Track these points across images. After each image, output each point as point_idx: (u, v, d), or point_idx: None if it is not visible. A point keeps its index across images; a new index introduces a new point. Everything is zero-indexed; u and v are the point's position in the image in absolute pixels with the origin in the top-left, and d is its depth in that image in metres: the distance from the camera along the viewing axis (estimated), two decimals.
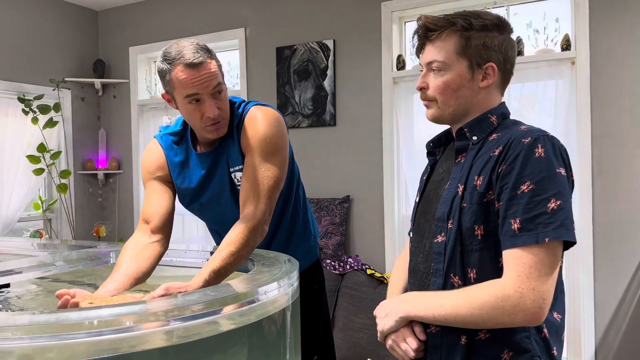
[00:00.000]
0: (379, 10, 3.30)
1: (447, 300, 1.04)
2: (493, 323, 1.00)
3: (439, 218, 1.11)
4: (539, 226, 0.98)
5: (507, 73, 1.16)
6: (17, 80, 3.78)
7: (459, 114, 1.15)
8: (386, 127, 3.28)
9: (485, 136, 1.12)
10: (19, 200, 3.78)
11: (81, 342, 0.82)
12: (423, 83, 1.17)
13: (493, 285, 1.00)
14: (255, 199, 1.36)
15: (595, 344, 2.77)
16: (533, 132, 1.05)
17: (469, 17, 1.12)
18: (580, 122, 2.78)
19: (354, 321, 2.94)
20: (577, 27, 2.78)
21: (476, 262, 1.06)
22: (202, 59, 1.34)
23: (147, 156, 1.55)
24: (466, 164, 1.11)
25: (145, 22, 4.18)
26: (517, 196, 1.00)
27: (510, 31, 1.15)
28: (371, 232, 3.35)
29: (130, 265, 1.30)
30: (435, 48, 1.13)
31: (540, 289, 0.97)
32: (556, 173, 1.00)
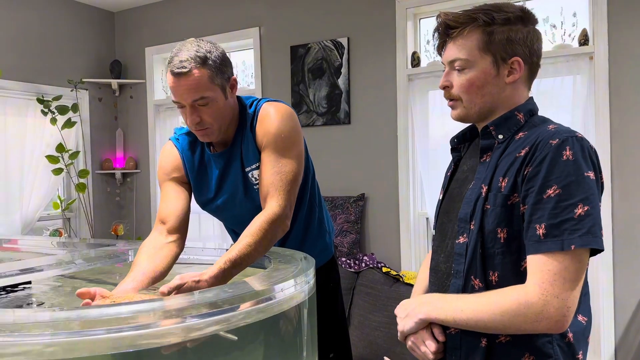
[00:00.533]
0: (393, 7, 3.28)
1: (468, 305, 1.01)
2: (515, 329, 0.98)
3: (462, 219, 1.09)
4: (564, 232, 0.95)
5: (533, 66, 1.12)
6: (36, 82, 3.84)
7: (486, 111, 1.11)
8: (401, 125, 3.27)
9: (512, 135, 1.09)
10: (38, 199, 3.84)
11: (101, 338, 0.83)
12: (446, 82, 1.13)
13: (516, 291, 0.98)
14: (275, 193, 1.37)
15: (615, 343, 2.74)
16: (561, 132, 1.01)
17: (490, 11, 1.08)
18: (599, 118, 2.74)
19: (369, 319, 2.94)
20: (595, 22, 2.74)
21: (498, 265, 1.04)
22: (185, 70, 1.33)
23: (163, 158, 1.57)
24: (491, 163, 1.08)
25: (160, 23, 4.22)
26: (543, 200, 0.97)
27: (535, 22, 1.11)
28: (386, 230, 3.34)
29: (148, 265, 1.32)
30: (457, 46, 1.10)
31: (564, 297, 0.94)
32: (584, 177, 0.97)
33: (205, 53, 1.36)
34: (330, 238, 1.73)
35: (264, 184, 1.39)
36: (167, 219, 1.44)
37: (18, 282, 1.44)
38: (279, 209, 1.35)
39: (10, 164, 3.70)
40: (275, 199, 1.36)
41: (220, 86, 1.39)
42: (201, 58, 1.34)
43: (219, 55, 1.39)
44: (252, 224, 1.31)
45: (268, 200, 1.37)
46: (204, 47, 1.37)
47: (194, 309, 0.90)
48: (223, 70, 1.40)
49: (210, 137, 1.45)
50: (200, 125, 1.40)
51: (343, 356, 1.73)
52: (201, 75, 1.34)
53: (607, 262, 2.73)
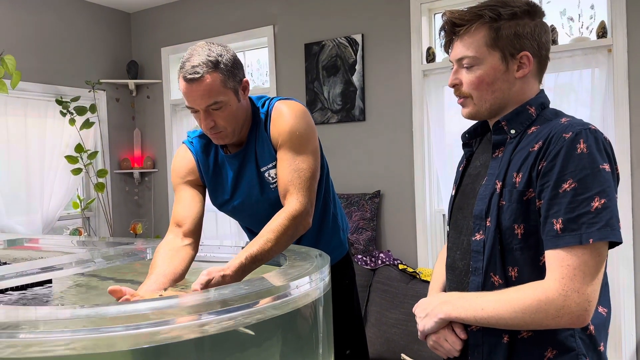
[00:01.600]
0: (408, 3, 3.27)
1: (489, 303, 1.01)
2: (536, 325, 0.98)
3: (477, 216, 1.08)
4: (582, 226, 0.94)
5: (543, 60, 1.11)
6: (55, 83, 3.90)
7: (497, 108, 1.10)
8: (416, 121, 3.25)
9: (524, 129, 1.08)
10: (58, 199, 3.90)
11: (120, 335, 0.84)
12: (455, 80, 1.12)
13: (536, 288, 0.97)
14: (294, 191, 1.38)
15: (636, 339, 2.69)
16: (574, 125, 1.00)
17: (496, 6, 1.07)
18: (618, 111, 2.69)
19: (386, 316, 2.93)
20: (614, 14, 2.69)
21: (517, 261, 1.03)
22: (198, 76, 1.33)
23: (177, 161, 1.57)
24: (504, 159, 1.07)
25: (176, 23, 4.25)
26: (559, 195, 0.96)
27: (542, 15, 1.10)
28: (402, 227, 3.33)
29: (168, 267, 1.34)
30: (464, 43, 1.09)
31: (585, 291, 0.94)
32: (600, 170, 0.96)
33: (217, 57, 1.36)
34: (345, 235, 1.74)
35: (282, 182, 1.40)
36: (183, 222, 1.45)
37: (39, 280, 1.47)
38: (300, 206, 1.36)
39: (30, 165, 3.77)
40: (295, 196, 1.37)
41: (233, 89, 1.40)
42: (213, 63, 1.35)
43: (230, 59, 1.39)
44: (274, 220, 1.32)
45: (288, 198, 1.38)
46: (215, 51, 1.37)
47: (210, 306, 0.91)
48: (235, 73, 1.40)
49: (224, 139, 1.46)
50: (215, 129, 1.41)
51: (359, 352, 1.73)
52: (214, 80, 1.34)
53: (627, 257, 2.68)
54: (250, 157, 1.51)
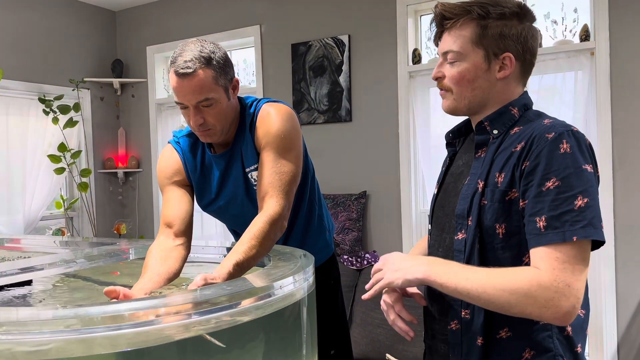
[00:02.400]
0: (394, 4, 3.28)
1: (476, 276, 0.97)
2: (518, 310, 0.94)
3: (459, 215, 1.07)
4: (565, 224, 0.93)
5: (526, 64, 1.10)
6: (38, 81, 3.85)
7: (475, 105, 1.11)
8: (402, 122, 3.27)
9: (507, 129, 1.08)
10: (41, 199, 3.85)
11: (101, 336, 0.83)
12: (439, 72, 1.13)
13: (529, 272, 0.94)
14: (274, 194, 1.37)
15: (617, 339, 2.73)
16: (557, 126, 1.00)
17: (486, 5, 1.07)
18: (600, 114, 2.73)
19: (372, 317, 2.94)
20: (597, 17, 2.73)
21: (498, 261, 1.02)
22: (190, 71, 1.32)
23: (163, 162, 1.56)
24: (487, 159, 1.07)
25: (162, 22, 4.22)
26: (543, 193, 0.96)
27: (531, 19, 1.10)
28: (388, 228, 3.34)
29: (162, 267, 1.33)
30: (451, 37, 1.09)
31: (575, 287, 0.92)
32: (582, 169, 0.96)
33: (210, 53, 1.35)
34: (330, 235, 1.74)
35: (262, 184, 1.39)
36: (173, 222, 1.44)
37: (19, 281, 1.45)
38: (279, 209, 1.35)
39: (12, 164, 3.71)
40: (275, 198, 1.36)
41: (224, 87, 1.39)
42: (205, 58, 1.34)
43: (222, 56, 1.39)
44: (254, 225, 1.31)
45: (267, 200, 1.37)
46: (207, 48, 1.36)
47: (193, 306, 0.90)
48: (226, 70, 1.40)
49: (212, 138, 1.45)
50: (204, 126, 1.40)
51: (343, 353, 1.73)
52: (206, 76, 1.34)
53: (609, 259, 2.72)
54: (236, 157, 1.50)
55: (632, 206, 2.68)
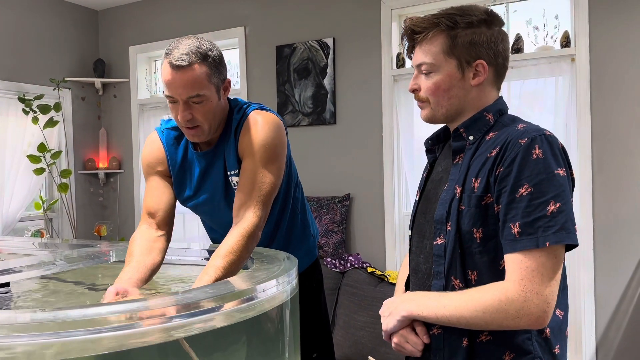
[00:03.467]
0: (379, 8, 3.30)
1: (451, 302, 1.02)
2: (496, 325, 1.00)
3: (437, 220, 1.10)
4: (539, 230, 0.96)
5: (500, 68, 1.13)
6: (17, 80, 3.79)
7: (453, 113, 1.13)
8: (386, 125, 3.28)
9: (482, 135, 1.10)
10: (20, 200, 3.78)
11: (81, 339, 0.82)
12: (415, 85, 1.16)
13: (497, 288, 0.99)
14: (252, 204, 1.35)
15: (595, 341, 2.77)
16: (530, 131, 1.02)
17: (453, 15, 1.10)
18: (580, 119, 2.78)
19: (355, 319, 2.94)
20: (577, 24, 2.78)
21: (477, 265, 1.05)
22: (185, 64, 1.30)
23: (147, 149, 1.55)
24: (464, 164, 1.10)
25: (145, 22, 4.19)
26: (516, 199, 0.99)
27: (500, 24, 1.12)
28: (372, 230, 3.35)
29: (147, 257, 1.34)
30: (422, 50, 1.12)
31: (543, 293, 0.96)
32: (555, 174, 0.98)
33: (206, 50, 1.34)
34: (314, 242, 1.73)
35: (241, 192, 1.37)
36: (156, 212, 1.45)
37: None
38: (256, 220, 1.34)
39: None
40: (252, 210, 1.34)
41: (216, 86, 1.38)
42: (202, 54, 1.33)
43: (218, 55, 1.38)
44: (232, 239, 1.29)
45: (244, 211, 1.35)
46: (204, 45, 1.35)
47: (175, 309, 0.89)
48: (220, 70, 1.39)
49: (199, 137, 1.43)
50: (191, 122, 1.38)
51: (326, 356, 1.73)
52: (200, 72, 1.32)
53: (588, 262, 2.76)
54: (219, 159, 1.49)
55: (611, 210, 2.73)
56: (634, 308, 2.69)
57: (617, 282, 2.72)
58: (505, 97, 3.04)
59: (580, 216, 2.77)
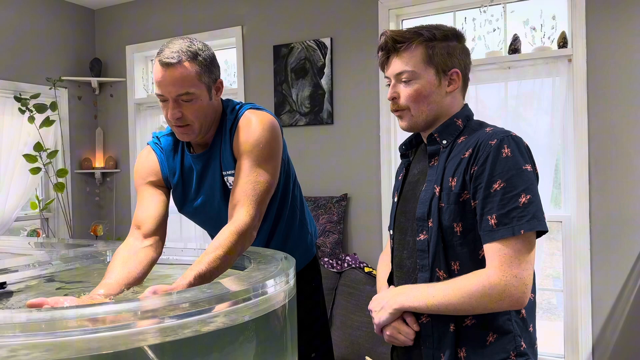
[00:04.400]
0: (376, 8, 3.30)
1: (438, 291, 1.13)
2: (482, 309, 1.10)
3: (419, 217, 1.20)
4: (513, 220, 1.08)
5: (466, 78, 1.26)
6: (14, 79, 3.77)
7: (431, 119, 1.24)
8: (383, 125, 3.28)
9: (454, 139, 1.21)
10: (16, 199, 3.77)
11: (76, 339, 0.81)
12: (394, 93, 1.24)
13: (479, 275, 1.10)
14: (246, 203, 1.34)
15: (592, 341, 2.78)
16: (498, 133, 1.14)
17: (431, 28, 1.22)
18: (577, 119, 2.78)
19: (352, 319, 2.94)
20: (574, 25, 2.78)
21: (458, 256, 1.16)
22: (174, 61, 1.31)
23: (139, 164, 1.54)
24: (439, 166, 1.20)
25: (141, 21, 4.18)
26: (491, 194, 1.10)
27: (464, 41, 1.26)
28: (369, 230, 3.35)
29: (122, 271, 1.28)
30: (402, 60, 1.22)
31: (522, 276, 1.08)
32: (523, 170, 1.10)
33: (197, 50, 1.35)
34: (312, 240, 1.73)
35: (236, 191, 1.36)
36: (143, 223, 1.40)
37: None
38: (250, 220, 1.32)
39: None
40: (246, 208, 1.33)
41: (207, 85, 1.38)
42: (192, 52, 1.34)
43: (210, 55, 1.39)
44: (222, 235, 1.27)
45: (238, 209, 1.33)
46: (195, 45, 1.36)
47: (171, 310, 0.88)
48: (211, 70, 1.39)
49: (190, 136, 1.42)
50: (181, 121, 1.37)
51: (325, 357, 1.72)
52: (190, 70, 1.33)
53: (584, 261, 2.77)
54: (214, 159, 1.49)
55: (608, 210, 2.73)
56: (631, 307, 2.70)
57: (613, 281, 2.73)
58: (502, 98, 3.07)
59: (577, 215, 2.77)
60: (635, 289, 2.70)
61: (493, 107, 3.04)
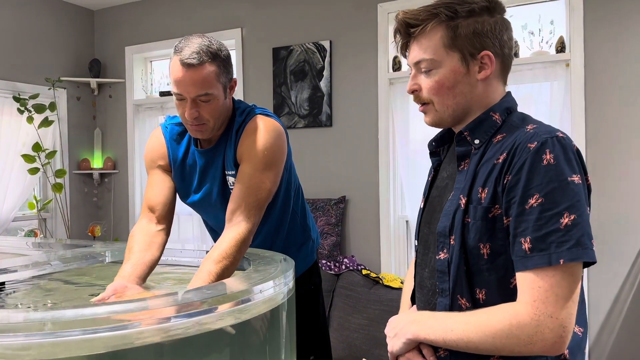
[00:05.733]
0: (375, 12, 3.31)
1: (458, 325, 0.93)
2: (507, 352, 0.89)
3: (440, 233, 1.00)
4: (551, 246, 0.86)
5: (506, 59, 1.02)
6: (13, 79, 3.77)
7: (460, 113, 1.02)
8: (382, 128, 3.29)
9: (489, 138, 1.00)
10: (13, 199, 3.76)
11: (76, 339, 0.82)
12: (414, 85, 1.04)
13: (507, 311, 0.89)
14: (246, 209, 1.35)
15: (588, 345, 2.79)
16: (540, 134, 0.92)
17: (452, 3, 0.99)
18: (575, 123, 2.79)
19: (349, 321, 2.95)
20: (572, 30, 2.80)
21: (485, 283, 0.95)
22: (196, 62, 1.31)
23: (150, 144, 1.57)
24: (469, 172, 0.99)
25: (141, 22, 4.18)
26: (526, 211, 0.88)
27: (502, 11, 1.02)
28: (367, 233, 3.35)
29: (145, 253, 1.35)
30: (420, 46, 1.01)
31: (559, 316, 0.86)
32: (568, 182, 0.88)
33: (217, 50, 1.35)
34: (314, 245, 1.73)
35: (236, 196, 1.38)
36: (156, 207, 1.46)
37: None
38: (250, 225, 1.34)
39: None
40: (247, 215, 1.35)
41: (223, 85, 1.39)
42: (212, 53, 1.34)
43: (227, 55, 1.40)
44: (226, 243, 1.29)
45: (239, 215, 1.35)
46: (215, 44, 1.36)
47: (172, 310, 0.89)
48: (228, 70, 1.40)
49: (204, 134, 1.44)
50: (198, 120, 1.39)
51: (323, 358, 1.73)
52: (210, 71, 1.33)
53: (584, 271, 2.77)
54: (218, 157, 1.50)
55: (605, 215, 2.74)
56: (627, 312, 2.71)
57: (609, 286, 2.74)
58: None
59: None
60: (631, 293, 2.71)
61: None
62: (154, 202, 1.47)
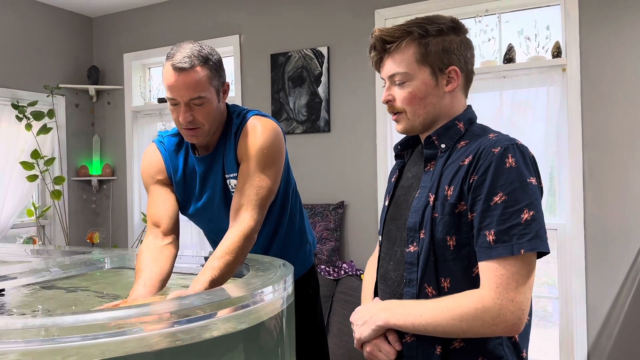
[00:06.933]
0: (373, 18, 3.33)
1: (427, 310, 1.03)
2: (473, 333, 1.01)
3: (411, 228, 1.10)
4: (513, 237, 0.98)
5: (469, 74, 1.15)
6: (11, 87, 3.78)
7: (429, 122, 1.14)
8: (380, 133, 3.30)
9: (454, 143, 1.12)
10: (12, 206, 3.76)
11: (76, 345, 0.82)
12: (389, 96, 1.15)
13: (473, 297, 1.00)
14: (249, 207, 1.37)
15: (587, 349, 2.79)
16: (502, 141, 1.04)
17: (423, 23, 1.11)
18: (572, 128, 2.81)
19: (348, 327, 2.94)
20: (568, 35, 2.82)
21: (450, 272, 1.06)
22: (187, 66, 1.33)
23: (146, 160, 1.57)
24: (436, 172, 1.11)
25: (139, 29, 4.19)
26: (491, 207, 1.00)
27: (465, 32, 1.15)
28: (365, 238, 3.36)
29: (154, 268, 1.33)
30: (394, 60, 1.13)
31: (518, 300, 0.98)
32: (527, 183, 1.00)
33: (207, 54, 1.38)
34: (311, 249, 1.74)
35: (239, 196, 1.39)
36: (160, 221, 1.45)
37: None
38: (253, 223, 1.36)
39: None
40: (250, 212, 1.36)
41: (216, 89, 1.41)
42: (203, 57, 1.37)
43: (219, 59, 1.43)
44: (229, 240, 1.30)
45: (242, 213, 1.37)
46: (205, 49, 1.39)
47: (172, 316, 0.89)
48: (220, 73, 1.43)
49: (198, 138, 1.45)
50: (192, 124, 1.40)
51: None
52: (202, 74, 1.36)
53: (579, 269, 2.78)
54: (217, 162, 1.51)
55: (603, 218, 2.75)
56: (626, 315, 2.71)
57: (608, 290, 2.74)
58: (497, 106, 3.09)
59: (572, 223, 2.79)
60: (630, 295, 2.71)
61: (488, 116, 3.07)
62: (158, 216, 1.46)
